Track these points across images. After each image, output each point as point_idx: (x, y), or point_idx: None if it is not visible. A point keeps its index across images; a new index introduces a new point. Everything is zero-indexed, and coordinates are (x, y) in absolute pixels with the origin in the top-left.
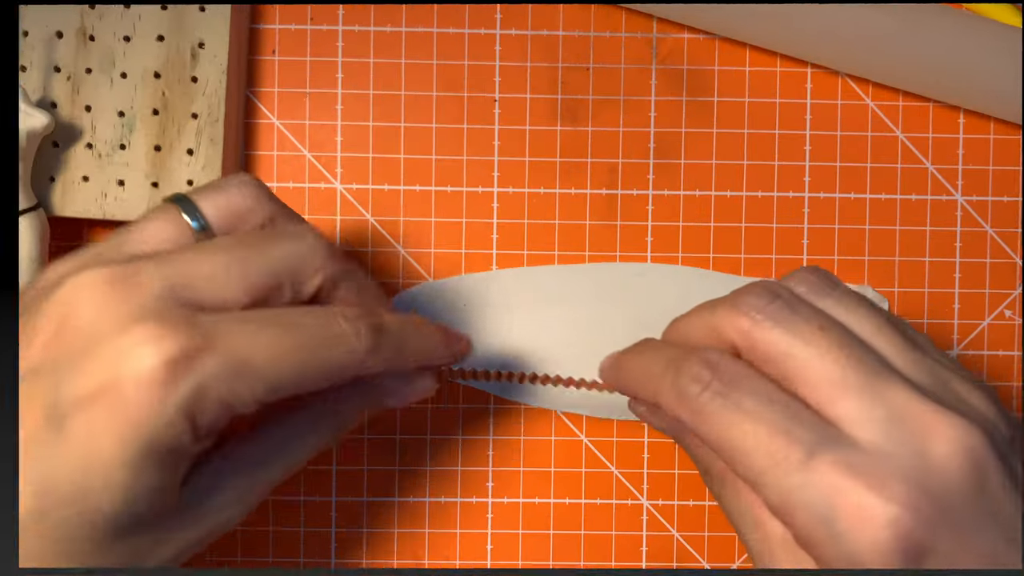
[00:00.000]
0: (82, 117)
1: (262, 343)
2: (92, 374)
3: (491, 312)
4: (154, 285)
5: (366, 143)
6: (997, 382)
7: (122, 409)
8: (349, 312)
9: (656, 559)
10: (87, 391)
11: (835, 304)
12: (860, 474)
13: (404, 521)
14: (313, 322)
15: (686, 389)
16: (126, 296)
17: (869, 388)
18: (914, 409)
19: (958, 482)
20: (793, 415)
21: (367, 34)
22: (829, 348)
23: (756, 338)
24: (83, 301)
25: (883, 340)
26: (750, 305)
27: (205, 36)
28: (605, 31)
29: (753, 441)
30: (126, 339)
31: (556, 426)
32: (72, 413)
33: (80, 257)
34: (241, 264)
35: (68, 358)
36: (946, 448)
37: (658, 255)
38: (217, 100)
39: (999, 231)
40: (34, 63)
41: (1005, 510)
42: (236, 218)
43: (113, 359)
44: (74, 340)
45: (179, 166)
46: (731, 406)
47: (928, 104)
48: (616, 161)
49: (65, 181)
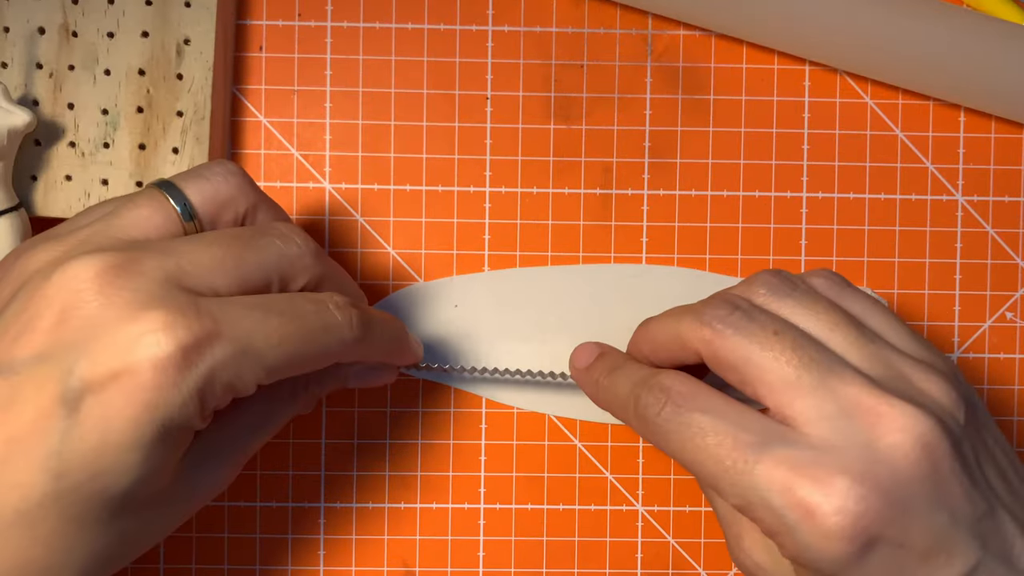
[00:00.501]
0: (65, 115)
1: (268, 330)
2: (106, 360)
3: (483, 314)
4: (156, 273)
5: (355, 142)
6: (998, 385)
7: (138, 393)
8: (340, 301)
9: (651, 566)
10: (101, 376)
11: (794, 305)
12: (805, 470)
13: (394, 527)
14: (312, 309)
15: (644, 413)
16: (130, 283)
17: (821, 386)
18: (865, 402)
19: (906, 469)
20: (740, 421)
21: (356, 30)
22: (783, 351)
23: (717, 346)
24: (87, 288)
25: (839, 336)
26: (711, 316)
27: (190, 32)
28: (599, 27)
29: (705, 451)
30: (138, 326)
31: (549, 431)
32: (86, 398)
33: (59, 241)
34: (236, 259)
35: (77, 344)
36: (894, 437)
37: (653, 256)
38: (203, 97)
39: (1000, 232)
40: (15, 59)
41: (955, 494)
42: (220, 206)
43: (127, 345)
44: (82, 327)
45: (164, 165)
46: (684, 423)
47: (928, 102)
48: (611, 160)
49: (47, 180)
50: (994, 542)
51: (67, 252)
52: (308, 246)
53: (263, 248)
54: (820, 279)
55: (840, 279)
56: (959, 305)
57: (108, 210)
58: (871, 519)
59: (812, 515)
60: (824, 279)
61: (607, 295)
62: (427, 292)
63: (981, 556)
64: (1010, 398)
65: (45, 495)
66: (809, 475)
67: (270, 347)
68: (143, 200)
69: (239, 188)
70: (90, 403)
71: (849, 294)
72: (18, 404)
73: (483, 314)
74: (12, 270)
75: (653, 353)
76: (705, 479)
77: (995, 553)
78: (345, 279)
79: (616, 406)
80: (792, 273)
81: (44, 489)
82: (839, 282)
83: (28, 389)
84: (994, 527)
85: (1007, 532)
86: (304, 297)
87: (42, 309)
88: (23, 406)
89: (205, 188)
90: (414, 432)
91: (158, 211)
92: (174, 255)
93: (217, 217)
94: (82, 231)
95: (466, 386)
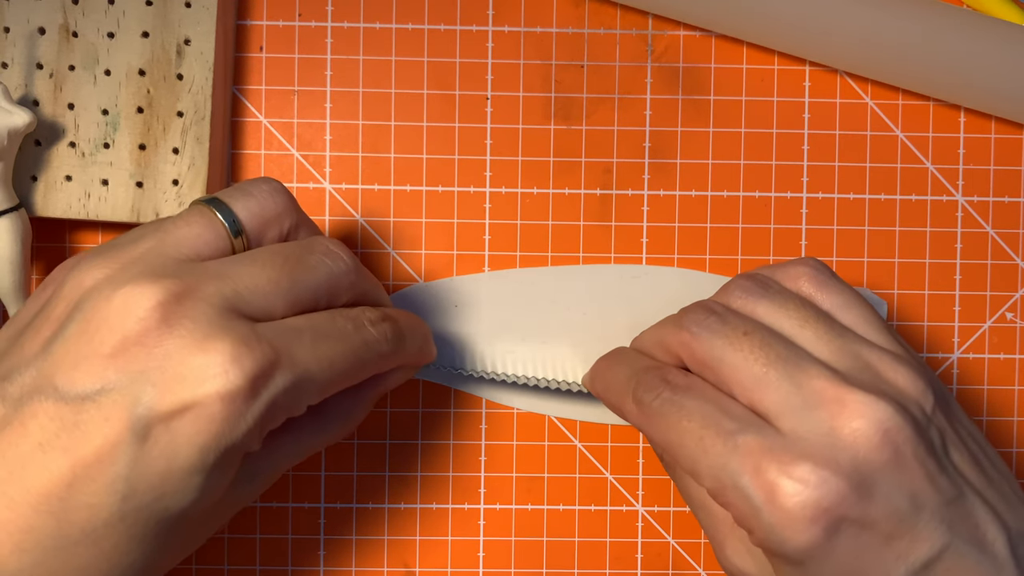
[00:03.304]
0: (65, 115)
1: (319, 354)
2: (175, 392)
3: (483, 315)
4: (215, 300)
5: (355, 142)
6: (998, 386)
7: (206, 424)
8: (373, 316)
9: (651, 566)
10: (171, 408)
11: (767, 304)
12: (772, 455)
13: (394, 528)
14: (351, 328)
15: (642, 397)
16: (192, 312)
17: (787, 381)
18: (828, 392)
19: (868, 454)
20: (723, 409)
21: (356, 30)
22: (752, 350)
23: (694, 348)
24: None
25: (809, 332)
26: (689, 320)
27: (191, 32)
28: (599, 28)
29: (689, 434)
30: (205, 358)
31: (549, 431)
32: (155, 427)
33: (112, 258)
34: (290, 281)
35: (144, 374)
36: (856, 424)
37: (653, 256)
38: (203, 98)
39: (1000, 232)
40: (15, 60)
41: (915, 481)
42: (266, 223)
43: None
44: (147, 357)
45: (164, 165)
46: (674, 409)
47: (928, 103)
48: (611, 161)
49: (48, 181)
50: (964, 527)
51: (122, 270)
52: (352, 262)
53: (314, 268)
54: (803, 267)
55: (824, 270)
56: (959, 305)
57: (159, 228)
58: (832, 501)
59: (775, 496)
60: (807, 269)
61: (607, 295)
62: (427, 292)
63: (949, 540)
64: (1010, 398)
65: (112, 515)
66: (775, 459)
67: (322, 370)
68: (193, 217)
69: (284, 206)
70: (159, 432)
71: (831, 287)
72: (86, 430)
73: (483, 314)
74: (64, 285)
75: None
76: (685, 461)
77: (965, 538)
78: (377, 288)
79: (614, 391)
80: (775, 265)
81: (111, 510)
82: (822, 273)
83: (96, 416)
84: (964, 512)
85: (978, 517)
86: (342, 316)
87: (104, 335)
88: (91, 433)
89: (252, 205)
90: (414, 432)
91: (208, 228)
92: (230, 279)
93: (263, 234)
94: (135, 248)
95: (466, 387)
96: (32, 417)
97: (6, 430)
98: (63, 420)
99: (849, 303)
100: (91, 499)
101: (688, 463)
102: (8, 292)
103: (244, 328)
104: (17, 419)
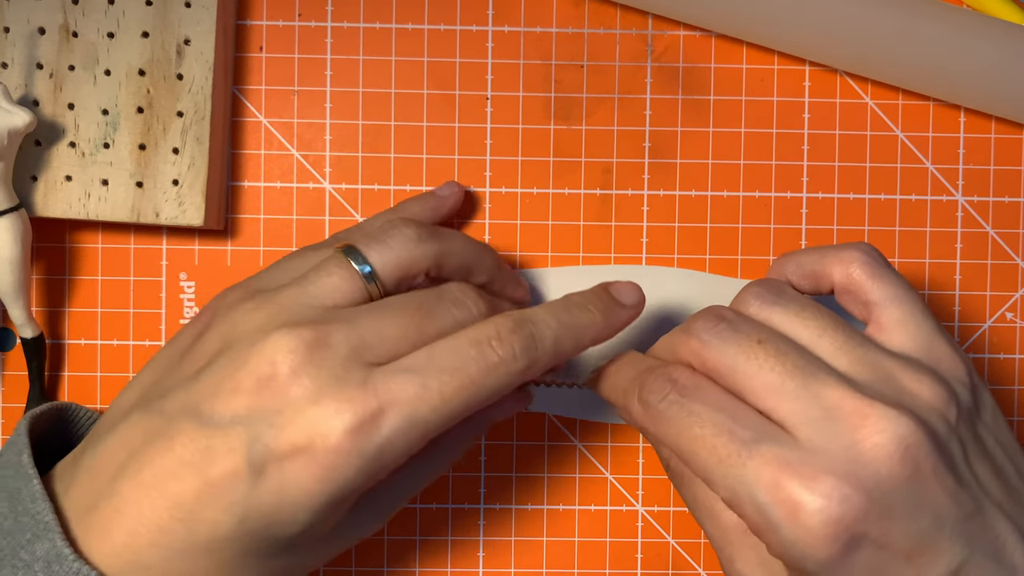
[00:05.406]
0: (65, 115)
1: (430, 394)
2: (288, 435)
3: None
4: (342, 349)
5: (355, 142)
6: (998, 386)
7: (313, 468)
8: (502, 332)
9: (651, 566)
10: (284, 449)
11: (781, 312)
12: (793, 469)
13: (394, 528)
14: (474, 356)
15: (647, 399)
16: (320, 361)
17: (805, 391)
18: (848, 405)
19: (888, 471)
20: (737, 417)
21: (356, 30)
22: (766, 358)
23: (705, 357)
24: (282, 362)
25: (826, 341)
26: (699, 328)
27: (191, 32)
28: (599, 28)
29: (701, 442)
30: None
31: (549, 431)
32: (271, 465)
33: (261, 306)
34: (416, 330)
35: (267, 414)
36: (875, 439)
37: (653, 256)
38: (203, 98)
39: (1000, 232)
40: (15, 60)
41: (935, 497)
42: (401, 272)
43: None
44: (273, 398)
45: (164, 165)
46: (684, 412)
47: (928, 103)
48: (611, 161)
49: (48, 181)
50: (982, 540)
51: (269, 320)
52: (479, 307)
53: (440, 316)
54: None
55: (879, 257)
56: (959, 305)
57: (303, 278)
58: (853, 518)
59: (796, 513)
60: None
61: None
62: None
63: (967, 555)
64: (1010, 398)
65: (229, 531)
66: (796, 473)
67: (433, 411)
68: (333, 268)
69: (422, 254)
70: (272, 470)
71: (883, 276)
72: (214, 455)
73: None
74: (221, 325)
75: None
76: (698, 468)
77: (984, 551)
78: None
79: (618, 391)
80: (827, 247)
81: (228, 527)
82: (876, 260)
83: (223, 445)
84: (983, 525)
85: (998, 530)
86: (467, 339)
87: (243, 375)
88: (218, 458)
89: (387, 256)
90: None
91: (346, 280)
92: (358, 328)
93: (399, 281)
94: (280, 296)
95: None
96: (179, 433)
97: (159, 441)
98: (199, 442)
99: (900, 296)
100: (213, 515)
101: (700, 471)
102: (8, 292)
103: (358, 377)
104: (168, 433)
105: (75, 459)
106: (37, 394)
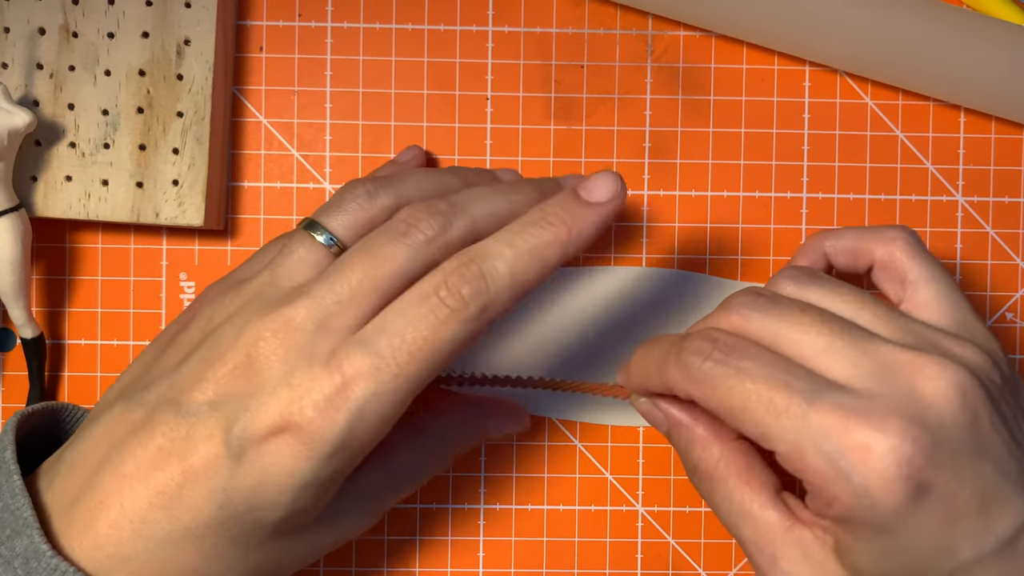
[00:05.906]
0: (65, 115)
1: (387, 360)
2: (264, 417)
3: None
4: (308, 325)
5: (355, 142)
6: None
7: (291, 447)
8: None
9: (651, 567)
10: (262, 431)
11: (818, 290)
12: (858, 414)
13: (394, 528)
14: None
15: (688, 362)
16: (290, 342)
17: (855, 348)
18: (901, 358)
19: (951, 415)
20: (790, 369)
21: (356, 31)
22: (812, 324)
23: (746, 330)
24: (256, 349)
25: (867, 313)
26: (738, 303)
27: (191, 33)
28: (599, 28)
29: (756, 398)
30: (288, 391)
31: (549, 431)
32: (250, 448)
33: (239, 293)
34: (371, 281)
35: (242, 399)
36: (935, 385)
37: (653, 256)
38: (203, 98)
39: (1000, 232)
40: (15, 60)
41: (996, 447)
42: (364, 227)
43: (281, 406)
44: (248, 385)
45: (164, 165)
46: (732, 370)
47: (928, 103)
48: (611, 161)
49: (48, 181)
50: None
51: (243, 308)
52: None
53: (388, 254)
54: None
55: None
56: None
57: (271, 262)
58: (925, 460)
59: (867, 457)
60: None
61: (607, 297)
62: None
63: None
64: None
65: (211, 518)
66: (863, 418)
67: (393, 378)
68: (295, 246)
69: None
70: (252, 453)
71: (923, 257)
72: (194, 443)
73: None
74: (202, 316)
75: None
76: (752, 426)
77: None
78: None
79: (650, 368)
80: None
81: (210, 514)
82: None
83: (202, 432)
84: None
85: None
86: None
87: (220, 364)
88: (198, 445)
89: (344, 218)
90: None
91: (311, 252)
92: (317, 299)
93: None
94: (253, 284)
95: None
96: (159, 424)
97: (141, 432)
98: (179, 431)
99: (937, 277)
100: (195, 502)
101: (756, 427)
102: (8, 292)
103: (325, 352)
104: (149, 424)
105: (60, 455)
106: (37, 394)
